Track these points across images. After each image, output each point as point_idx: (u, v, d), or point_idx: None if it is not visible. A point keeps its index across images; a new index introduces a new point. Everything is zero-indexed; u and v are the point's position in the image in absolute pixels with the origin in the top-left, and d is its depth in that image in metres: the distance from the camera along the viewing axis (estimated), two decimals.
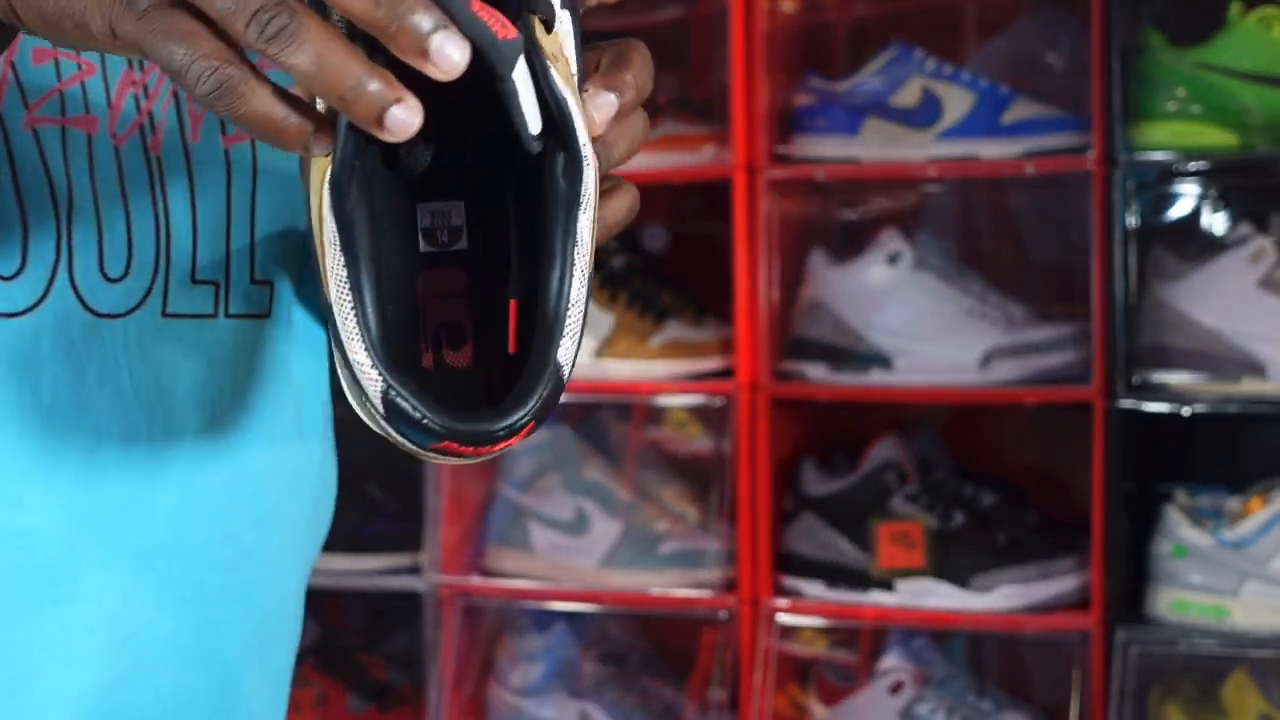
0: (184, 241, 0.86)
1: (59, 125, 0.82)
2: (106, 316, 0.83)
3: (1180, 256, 2.31)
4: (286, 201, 0.91)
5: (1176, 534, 2.25)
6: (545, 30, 0.81)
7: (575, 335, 0.74)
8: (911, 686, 2.42)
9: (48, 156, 0.81)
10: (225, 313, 0.88)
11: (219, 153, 0.88)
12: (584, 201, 0.79)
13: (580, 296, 0.76)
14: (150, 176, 0.85)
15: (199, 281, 0.87)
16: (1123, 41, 2.25)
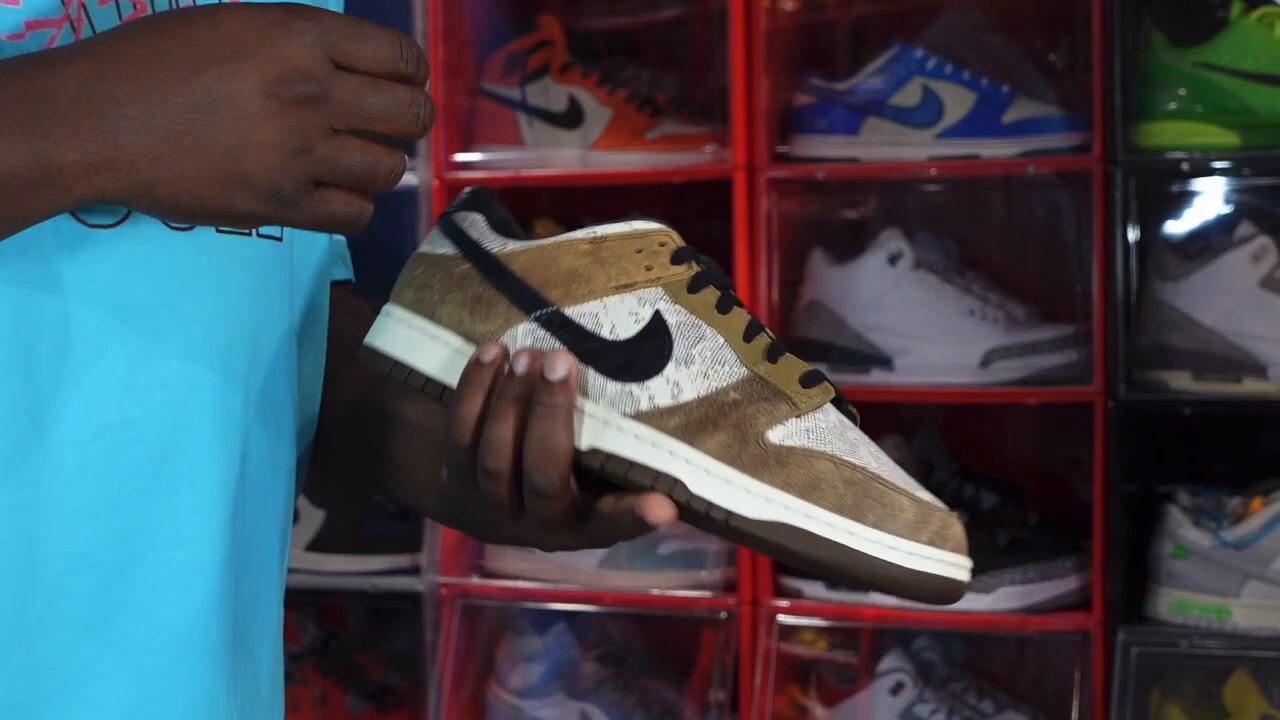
0: None
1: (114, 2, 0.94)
2: (178, 229, 0.94)
3: (1181, 256, 2.31)
4: None
5: (1178, 534, 2.24)
6: None
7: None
8: (912, 687, 2.41)
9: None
10: (257, 231, 0.99)
11: None
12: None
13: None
14: None
15: (221, 231, 0.97)
16: (1124, 41, 2.25)
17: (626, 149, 2.52)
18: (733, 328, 0.94)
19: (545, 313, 0.94)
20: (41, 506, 0.91)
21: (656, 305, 0.94)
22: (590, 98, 2.56)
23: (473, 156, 2.58)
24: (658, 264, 0.95)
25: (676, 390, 0.92)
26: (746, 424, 0.90)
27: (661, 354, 0.92)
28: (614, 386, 0.92)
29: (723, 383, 0.92)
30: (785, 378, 0.92)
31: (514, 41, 2.62)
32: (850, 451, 0.91)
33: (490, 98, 2.61)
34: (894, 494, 0.89)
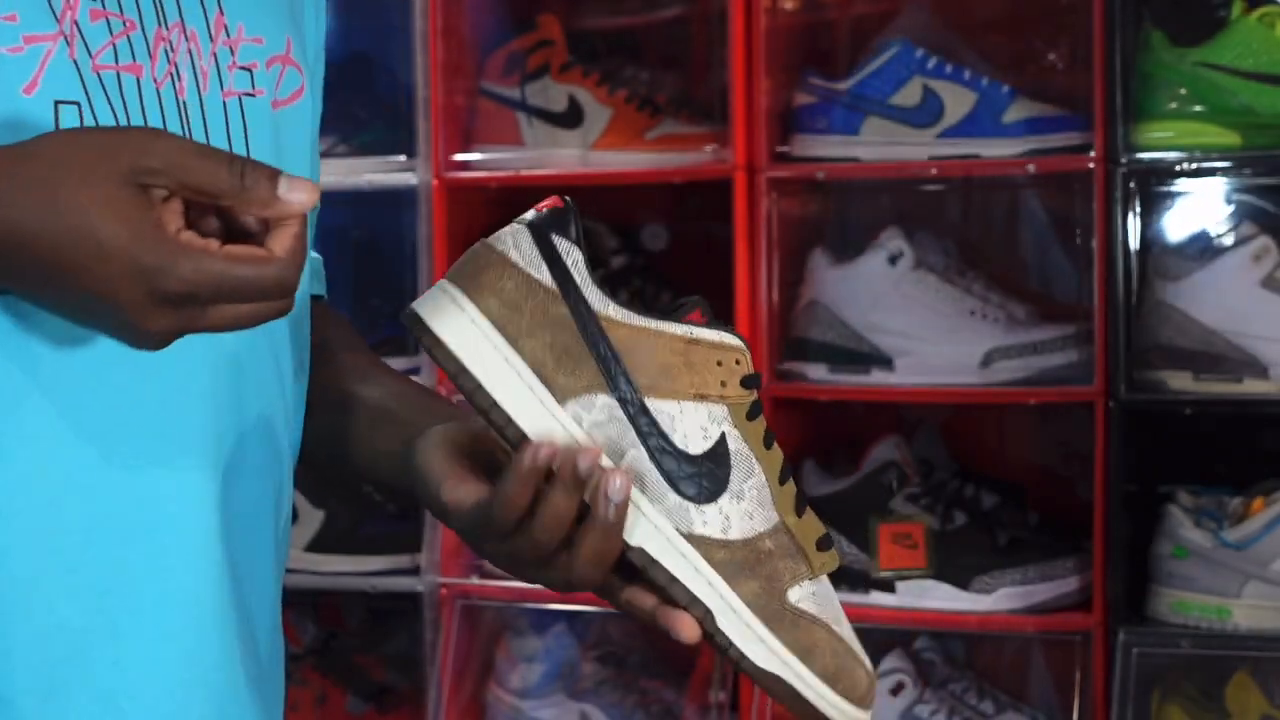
0: None
1: (115, 71, 1.00)
2: None
3: (1181, 256, 2.30)
4: (270, 143, 1.08)
5: (1178, 535, 2.24)
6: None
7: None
8: (912, 688, 2.41)
9: (110, 93, 0.99)
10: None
11: (219, 102, 1.06)
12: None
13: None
14: (180, 114, 1.03)
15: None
16: (1124, 40, 2.24)
17: (626, 149, 2.52)
18: (773, 467, 1.02)
19: (630, 396, 0.99)
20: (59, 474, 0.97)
21: (723, 427, 1.01)
22: (590, 97, 2.56)
23: (473, 156, 2.58)
24: (731, 382, 1.02)
25: (726, 524, 0.99)
26: (775, 579, 1.00)
27: (722, 480, 1.00)
28: (674, 498, 0.99)
29: (762, 527, 1.00)
30: (807, 536, 1.03)
31: (514, 41, 2.62)
32: (837, 621, 1.02)
33: (490, 97, 2.60)
34: (857, 667, 1.02)
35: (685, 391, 1.00)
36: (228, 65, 1.07)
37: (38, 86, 0.97)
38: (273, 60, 1.10)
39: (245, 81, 1.08)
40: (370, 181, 2.60)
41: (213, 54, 1.06)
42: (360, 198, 2.64)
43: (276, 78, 1.10)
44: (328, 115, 1.28)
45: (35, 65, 0.97)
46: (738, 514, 0.99)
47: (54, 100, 0.97)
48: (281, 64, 1.11)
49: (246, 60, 1.08)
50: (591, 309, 1.00)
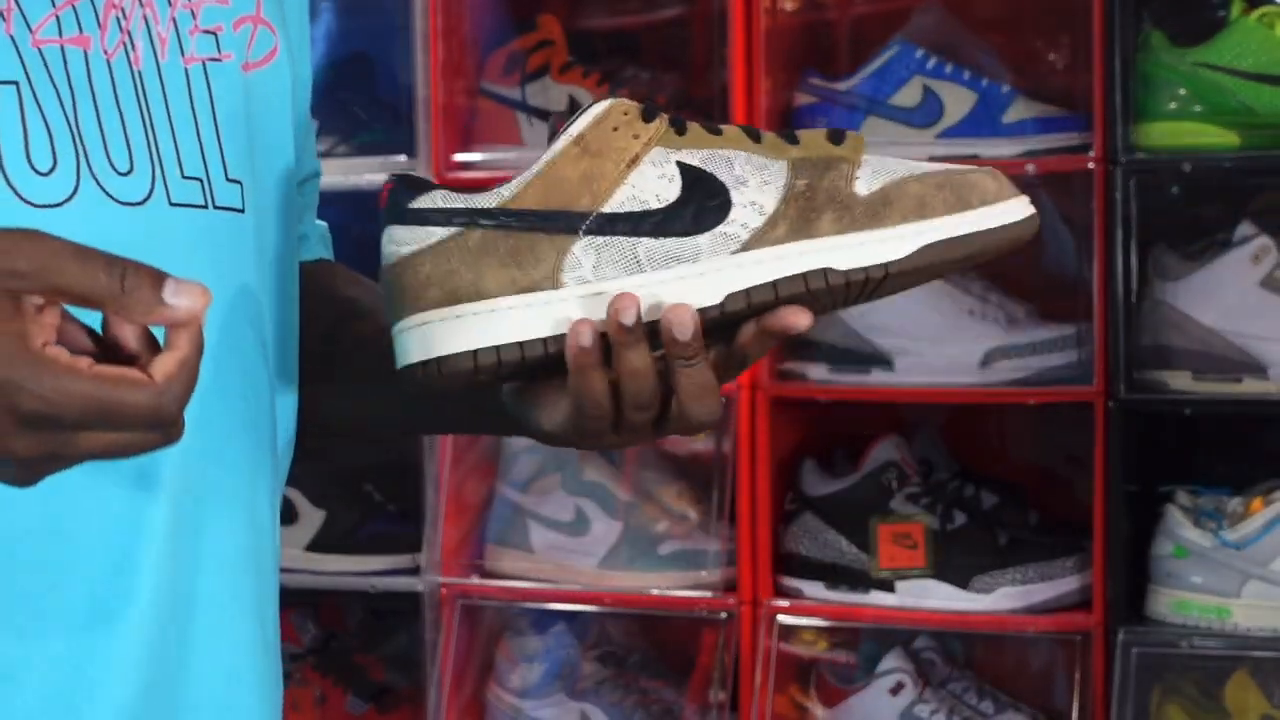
0: (167, 141, 0.98)
1: (59, 45, 0.94)
2: (129, 205, 0.95)
3: (1181, 256, 2.30)
4: (241, 109, 1.03)
5: (1178, 534, 2.24)
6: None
7: None
8: (912, 687, 2.41)
9: (52, 70, 0.94)
10: (213, 204, 1.00)
11: (180, 69, 1.00)
12: None
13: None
14: (135, 86, 0.97)
15: (188, 177, 0.99)
16: (1123, 41, 2.24)
17: None
18: (737, 140, 0.98)
19: (590, 223, 0.96)
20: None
21: (671, 159, 0.97)
22: (590, 97, 2.56)
23: (472, 156, 2.58)
24: (638, 128, 0.97)
25: (758, 206, 0.96)
26: (834, 195, 0.97)
27: (719, 189, 0.96)
28: (704, 239, 0.96)
29: (782, 180, 0.97)
30: (817, 146, 0.99)
31: (514, 41, 2.62)
32: (912, 167, 1.00)
33: (490, 97, 2.60)
34: (968, 175, 0.99)
35: (618, 174, 0.96)
36: (188, 30, 1.01)
37: None
38: (241, 21, 1.05)
39: (209, 46, 1.02)
40: (370, 181, 2.60)
41: (171, 19, 1.00)
42: (360, 198, 2.64)
43: (247, 39, 1.05)
44: (328, 115, 1.26)
45: None
46: (758, 193, 0.97)
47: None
48: (252, 24, 1.05)
49: (210, 23, 1.02)
50: (494, 207, 0.96)
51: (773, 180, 0.97)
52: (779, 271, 0.95)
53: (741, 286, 0.95)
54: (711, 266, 0.96)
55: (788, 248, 0.96)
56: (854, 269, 0.96)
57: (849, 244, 0.96)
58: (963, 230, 0.97)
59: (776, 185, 0.97)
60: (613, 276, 0.96)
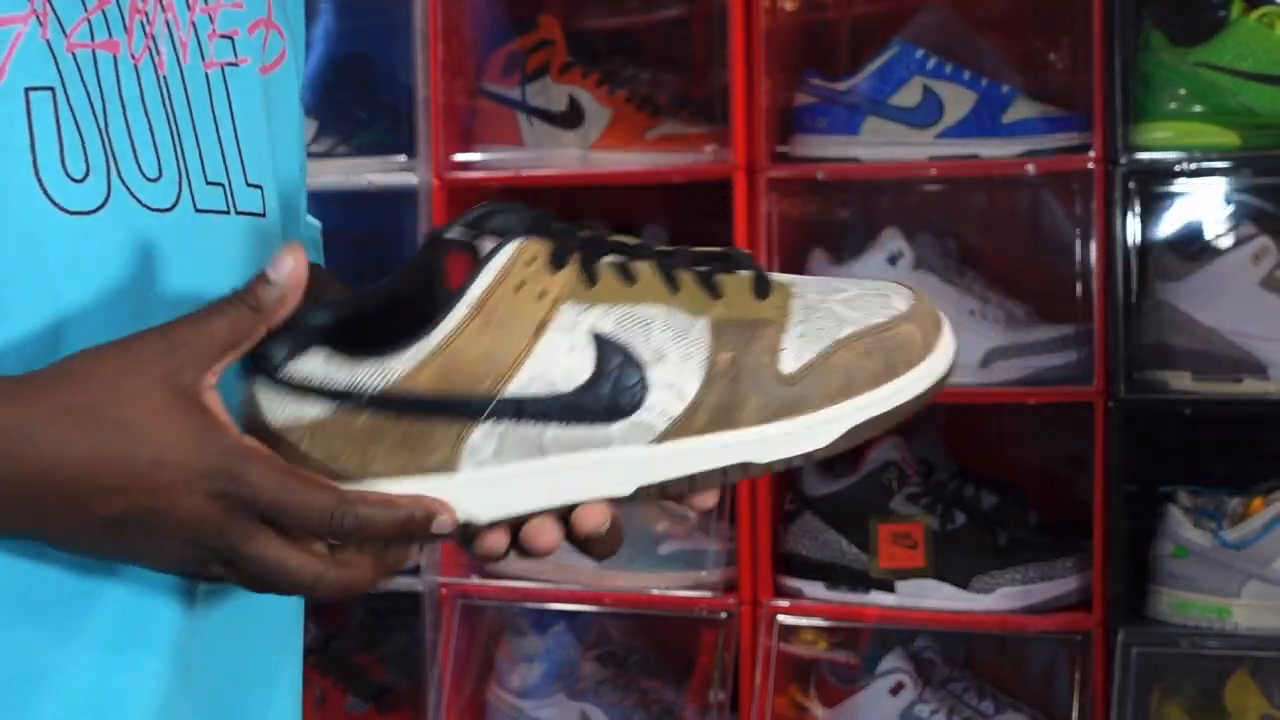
0: (191, 147, 0.98)
1: (91, 49, 0.94)
2: (158, 211, 0.95)
3: (1181, 256, 2.30)
4: (260, 113, 1.03)
5: (1178, 534, 2.24)
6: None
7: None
8: (912, 687, 2.41)
9: (84, 75, 0.93)
10: (235, 209, 1.00)
11: (201, 74, 1.00)
12: None
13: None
14: (160, 91, 0.97)
15: (211, 182, 0.99)
16: (1124, 40, 2.24)
17: (626, 149, 2.52)
18: (653, 290, 0.89)
19: (492, 409, 0.87)
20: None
21: (582, 325, 0.87)
22: (590, 98, 2.56)
23: (472, 156, 2.58)
24: (545, 283, 0.87)
25: (678, 390, 0.88)
26: (760, 374, 0.88)
27: (634, 367, 0.87)
28: (618, 428, 0.87)
29: (705, 351, 0.88)
30: (742, 304, 0.89)
31: (514, 41, 2.62)
32: (837, 323, 0.90)
33: (490, 97, 2.60)
34: (895, 329, 0.91)
35: (522, 347, 0.87)
36: (208, 34, 1.01)
37: (6, 74, 0.91)
38: (256, 25, 1.04)
39: (227, 50, 1.02)
40: (371, 181, 2.61)
41: (191, 23, 1.00)
42: (360, 198, 2.64)
43: (262, 43, 1.05)
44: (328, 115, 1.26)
45: (4, 50, 0.91)
46: (677, 371, 0.88)
47: (25, 87, 0.91)
48: (265, 28, 1.05)
49: (227, 27, 1.02)
50: (380, 392, 0.87)
51: (694, 352, 0.88)
52: (696, 465, 0.88)
53: (655, 480, 0.88)
54: (624, 456, 0.88)
55: (708, 440, 0.88)
56: (775, 460, 0.89)
57: (772, 435, 0.88)
58: (888, 405, 0.90)
59: (698, 360, 0.88)
60: (516, 459, 0.87)
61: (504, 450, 0.87)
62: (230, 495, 0.84)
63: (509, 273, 0.87)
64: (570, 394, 0.87)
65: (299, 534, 0.86)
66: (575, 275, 0.88)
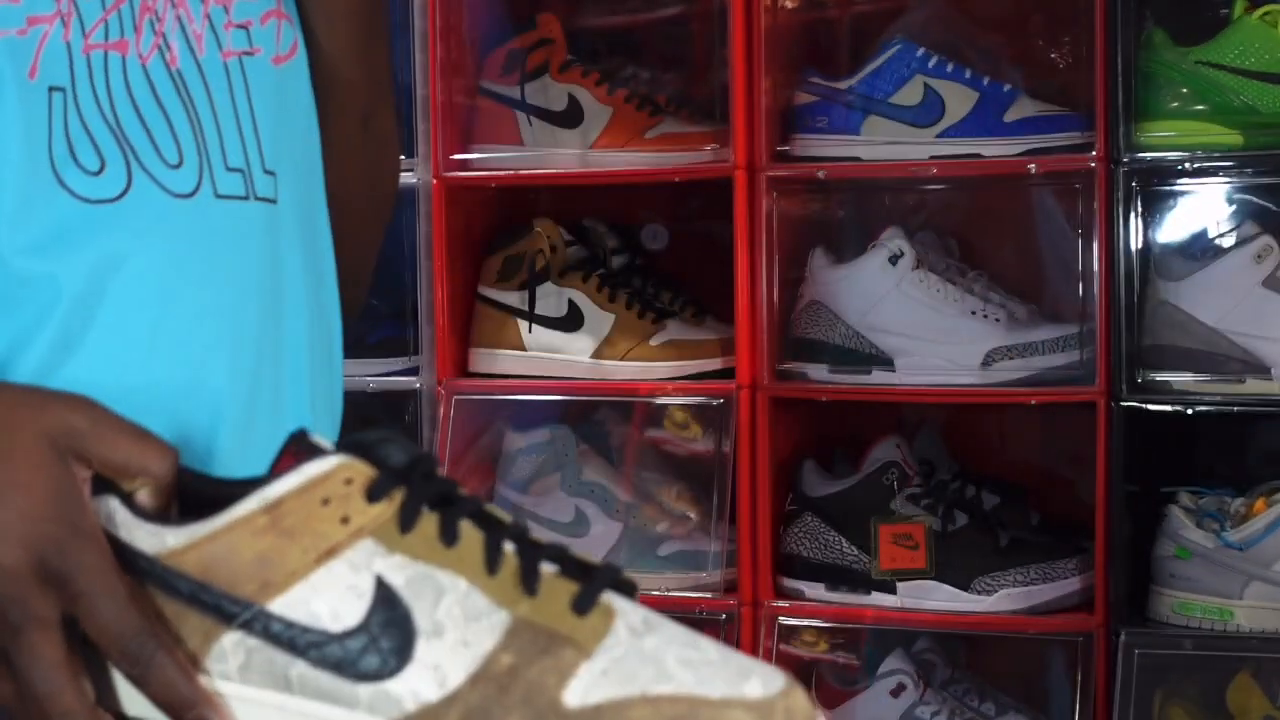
0: (211, 134, 1.00)
1: (104, 50, 0.97)
2: (180, 196, 0.98)
3: (1184, 256, 2.30)
4: (275, 102, 1.06)
5: (1180, 535, 2.23)
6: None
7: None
8: (913, 689, 2.41)
9: (94, 76, 0.96)
10: (254, 195, 1.02)
11: (219, 64, 1.03)
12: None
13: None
14: (175, 84, 1.00)
15: (231, 169, 1.02)
16: (1125, 39, 2.24)
17: (626, 148, 2.51)
18: (469, 561, 0.79)
19: (247, 618, 0.79)
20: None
21: (374, 568, 0.78)
22: (590, 97, 2.55)
23: (472, 156, 2.57)
24: (353, 509, 0.79)
25: (441, 676, 0.77)
26: (536, 694, 0.75)
27: (404, 631, 0.77)
28: (365, 691, 0.77)
29: (488, 645, 0.77)
30: (554, 612, 0.78)
31: (513, 40, 2.61)
32: (659, 675, 0.77)
33: (489, 96, 2.60)
34: (723, 712, 0.76)
35: (303, 565, 0.78)
36: (223, 25, 1.03)
37: (37, 72, 0.95)
38: (268, 15, 1.07)
39: (243, 40, 1.04)
40: None
41: (205, 15, 1.02)
42: None
43: (274, 33, 1.07)
44: None
45: (34, 49, 0.95)
46: (447, 653, 0.77)
47: (49, 86, 0.95)
48: (277, 18, 1.07)
49: (241, 18, 1.04)
50: (148, 555, 0.81)
51: (474, 642, 0.77)
52: None
53: None
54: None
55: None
56: None
57: None
58: None
59: (475, 651, 0.77)
60: (257, 685, 0.79)
61: (249, 669, 0.79)
62: (53, 566, 0.79)
63: (318, 485, 0.79)
64: (330, 635, 0.78)
65: (91, 634, 0.79)
66: (391, 515, 0.79)
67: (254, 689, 0.79)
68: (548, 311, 2.53)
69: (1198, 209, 2.43)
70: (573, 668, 0.76)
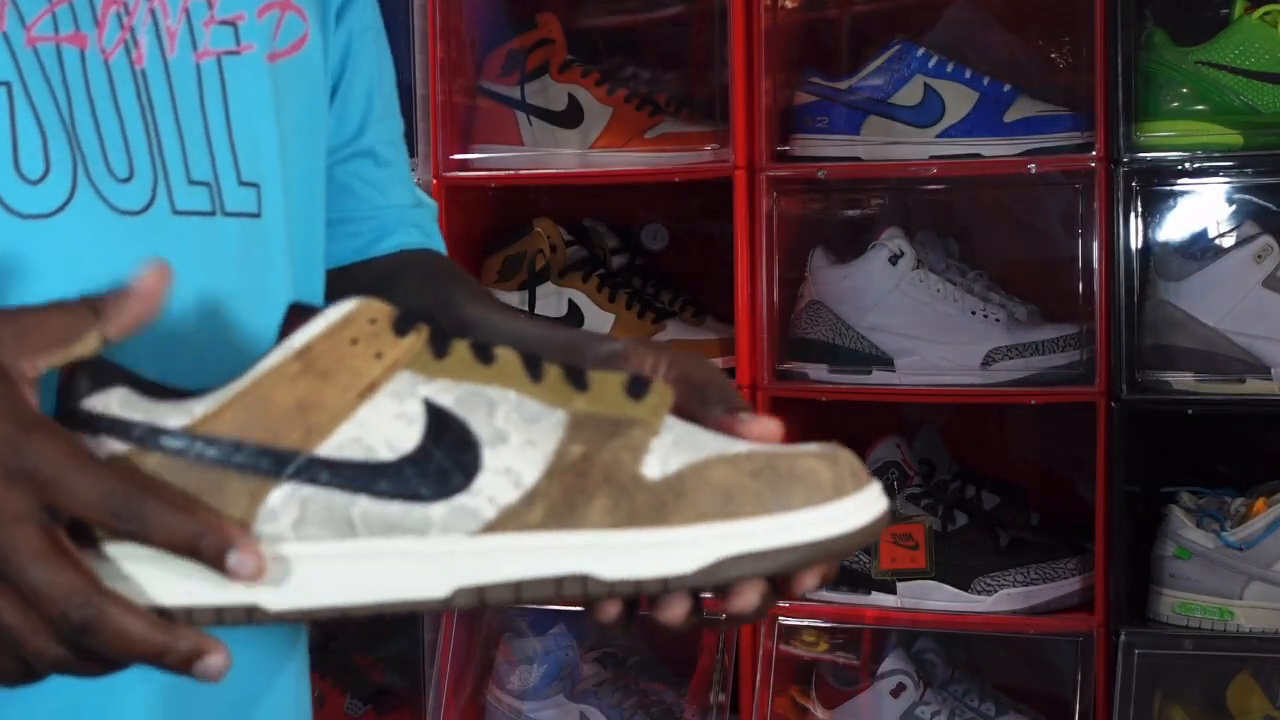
0: (173, 145, 0.93)
1: (54, 43, 0.89)
2: (127, 214, 0.90)
3: (1184, 256, 2.30)
4: (266, 103, 0.97)
5: (1180, 535, 2.23)
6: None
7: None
8: (913, 689, 2.41)
9: (47, 70, 0.88)
10: (222, 210, 0.94)
11: (190, 66, 0.94)
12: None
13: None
14: (136, 86, 0.91)
15: (194, 182, 0.93)
16: (1126, 39, 2.24)
17: (626, 148, 2.51)
18: (511, 374, 0.78)
19: (296, 468, 0.76)
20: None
21: (418, 394, 0.77)
22: (590, 96, 2.55)
23: (472, 156, 2.57)
24: (384, 345, 0.78)
25: (515, 476, 0.76)
26: (616, 472, 0.76)
27: (466, 444, 0.76)
28: (439, 510, 0.76)
29: (554, 441, 0.76)
30: (610, 400, 0.78)
31: (513, 40, 2.61)
32: (726, 442, 0.78)
33: (489, 96, 2.60)
34: (799, 458, 0.78)
35: (345, 404, 0.77)
36: (203, 21, 0.95)
37: None
38: (267, 8, 0.99)
39: (226, 38, 0.96)
40: None
41: (184, 10, 0.94)
42: None
43: (273, 27, 0.99)
44: None
45: None
46: (516, 455, 0.76)
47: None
48: (280, 10, 0.99)
49: (229, 12, 0.96)
50: (177, 429, 0.77)
51: (540, 441, 0.77)
52: (525, 568, 0.75)
53: (475, 582, 0.75)
54: (443, 547, 0.76)
55: (542, 538, 0.75)
56: (622, 580, 0.75)
57: (622, 544, 0.75)
58: (772, 542, 0.75)
59: (544, 449, 0.76)
60: (316, 538, 0.76)
61: (305, 521, 0.76)
62: (12, 466, 0.75)
63: (344, 327, 0.78)
64: (390, 463, 0.76)
65: (77, 514, 0.75)
66: (421, 345, 0.78)
67: (313, 543, 0.76)
68: (548, 312, 2.53)
69: (1198, 209, 2.43)
70: (644, 443, 0.77)
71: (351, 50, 1.13)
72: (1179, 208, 2.42)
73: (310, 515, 0.76)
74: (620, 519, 0.75)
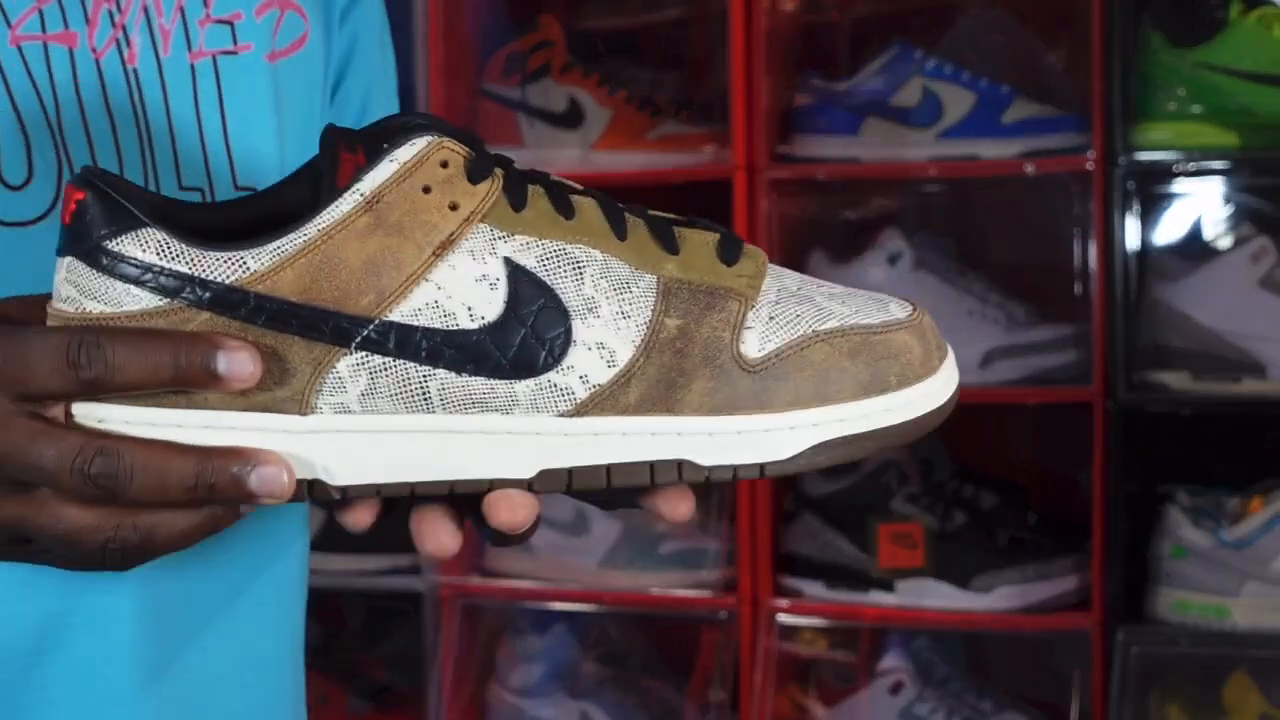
0: (165, 149, 0.88)
1: (41, 41, 0.85)
2: None
3: (1180, 256, 2.31)
4: (266, 103, 0.93)
5: (1177, 534, 2.24)
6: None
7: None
8: (911, 687, 2.41)
9: (33, 71, 0.84)
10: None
11: (185, 66, 0.90)
12: None
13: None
14: (129, 88, 0.87)
15: (186, 188, 0.89)
16: (1123, 41, 2.24)
17: (627, 149, 2.52)
18: (595, 230, 0.72)
19: (368, 334, 0.69)
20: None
21: (498, 253, 0.70)
22: (590, 98, 2.56)
23: None
24: (460, 193, 0.70)
25: (608, 354, 0.70)
26: (716, 352, 0.71)
27: (554, 314, 0.70)
28: (526, 387, 0.70)
29: (647, 312, 0.71)
30: (703, 265, 0.73)
31: (514, 42, 2.62)
32: (819, 313, 0.74)
33: (490, 98, 2.61)
34: (889, 335, 0.76)
35: (421, 257, 0.69)
36: (198, 20, 0.91)
37: None
38: (265, 7, 0.94)
39: (222, 38, 0.92)
40: None
41: (178, 8, 0.90)
42: None
43: (272, 26, 0.95)
44: None
45: None
46: (609, 330, 0.70)
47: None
48: (280, 9, 0.95)
49: (225, 11, 0.92)
50: (229, 284, 0.68)
51: (634, 312, 0.71)
52: (618, 453, 0.70)
53: (563, 465, 0.70)
54: (528, 426, 0.70)
55: (636, 422, 0.70)
56: (719, 466, 0.71)
57: (720, 430, 0.71)
58: (871, 425, 0.73)
59: (638, 321, 0.70)
60: (388, 410, 0.70)
61: (375, 393, 0.69)
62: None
63: (414, 171, 0.69)
64: (472, 332, 0.69)
65: (41, 393, 0.69)
66: (498, 194, 0.70)
67: (384, 416, 0.69)
68: None
69: (1195, 210, 2.43)
70: (741, 318, 0.72)
71: (355, 52, 1.11)
72: (1176, 209, 2.43)
73: (380, 387, 0.69)
74: (720, 403, 0.71)
